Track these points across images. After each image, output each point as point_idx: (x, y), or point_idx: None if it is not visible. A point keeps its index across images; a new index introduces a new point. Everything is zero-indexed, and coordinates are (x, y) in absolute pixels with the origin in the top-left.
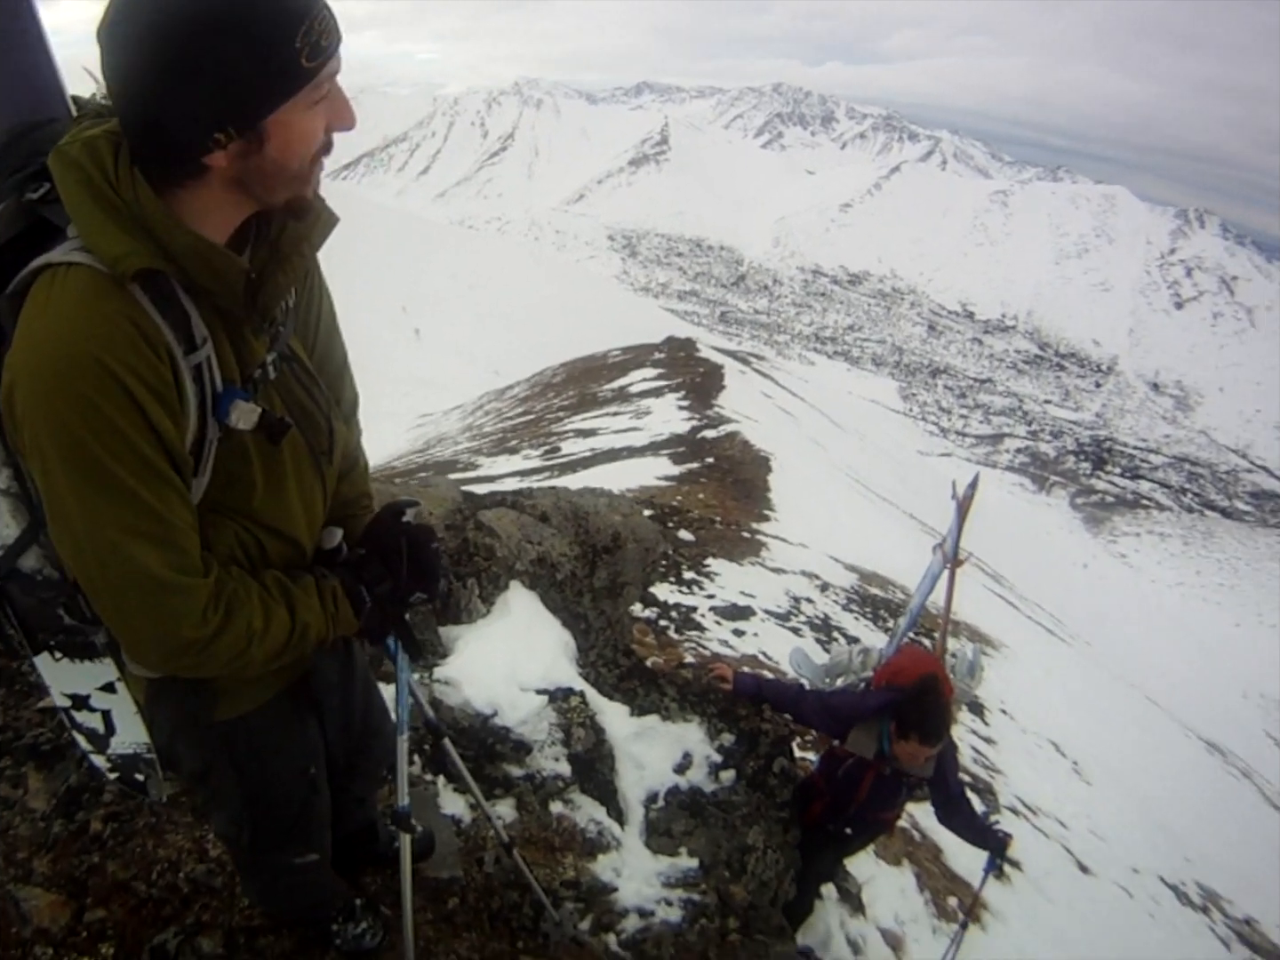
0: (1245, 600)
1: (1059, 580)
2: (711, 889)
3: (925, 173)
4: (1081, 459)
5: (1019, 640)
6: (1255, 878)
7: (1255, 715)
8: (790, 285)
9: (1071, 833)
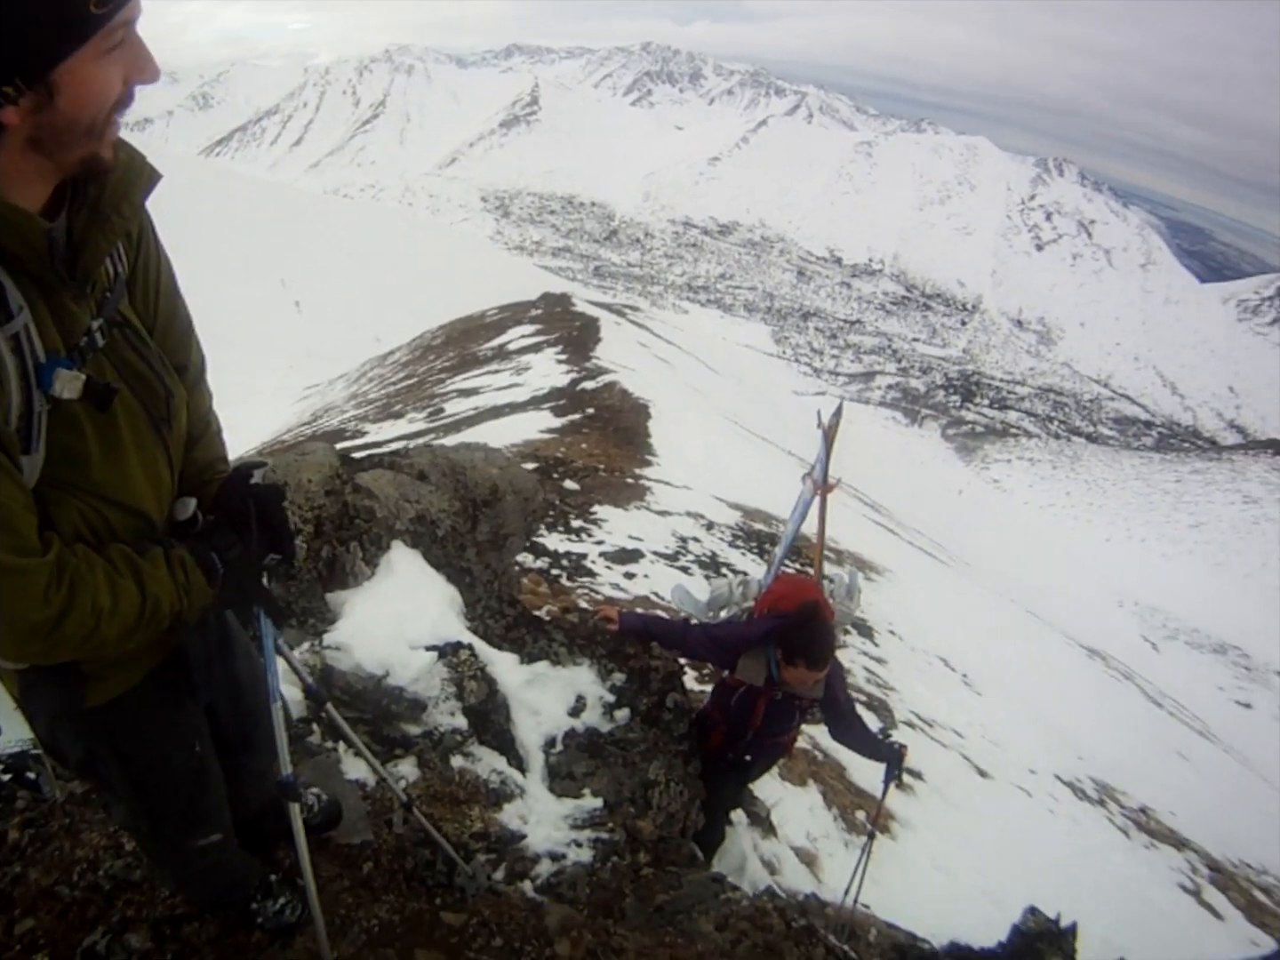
0: (1114, 517)
1: (936, 507)
2: (619, 826)
3: (792, 126)
4: (951, 392)
5: (901, 564)
6: (1145, 770)
7: (1131, 622)
8: (662, 238)
9: (967, 741)
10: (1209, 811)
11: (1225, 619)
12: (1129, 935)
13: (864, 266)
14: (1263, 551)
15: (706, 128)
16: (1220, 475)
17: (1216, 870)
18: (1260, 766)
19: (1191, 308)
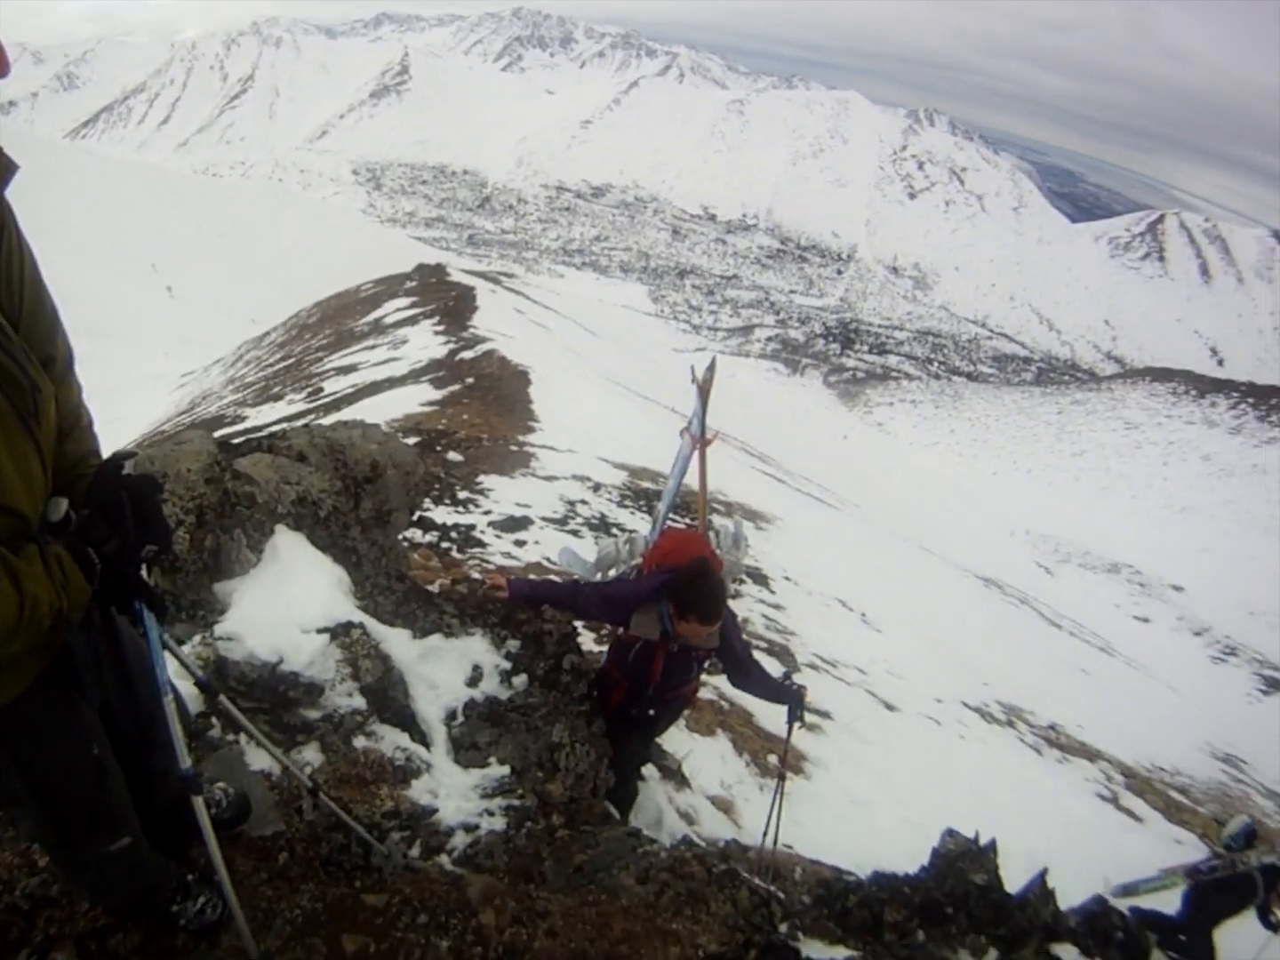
0: (999, 451)
1: (822, 453)
2: (529, 791)
3: (663, 87)
4: (830, 341)
5: (792, 512)
6: (1050, 689)
7: (1024, 550)
8: (535, 203)
9: (871, 677)
10: (1117, 722)
11: (1116, 540)
12: (1052, 847)
13: (739, 222)
14: (1147, 473)
15: (578, 91)
16: (1100, 405)
17: (1131, 777)
18: (1163, 675)
19: (1064, 247)
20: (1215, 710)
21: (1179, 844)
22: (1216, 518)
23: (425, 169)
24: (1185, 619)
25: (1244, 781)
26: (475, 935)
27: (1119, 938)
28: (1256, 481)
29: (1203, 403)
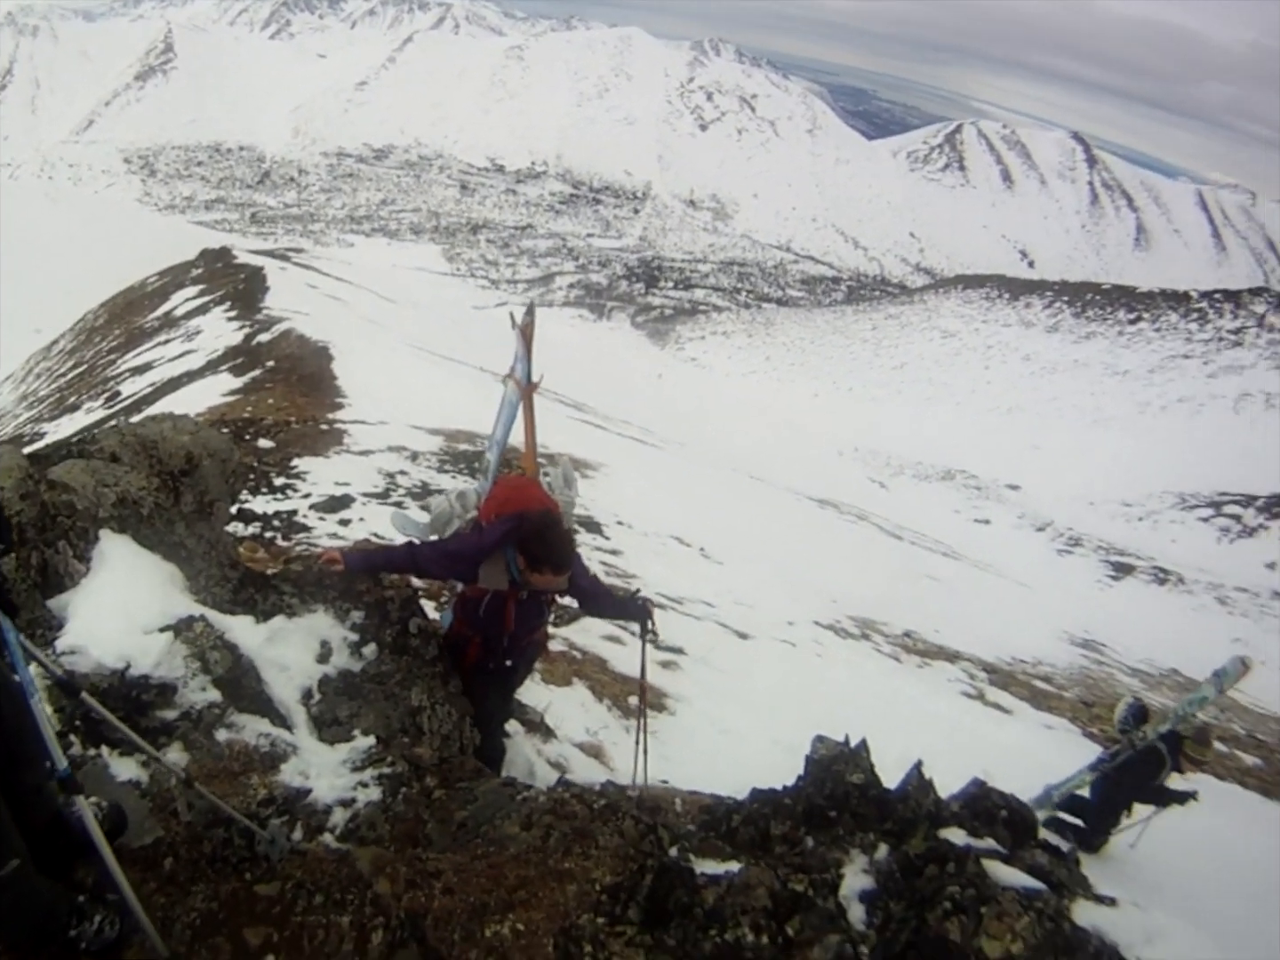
0: (818, 373)
1: (640, 394)
2: (398, 758)
3: (439, 39)
4: (634, 281)
5: (616, 457)
6: (899, 599)
7: (855, 467)
8: (316, 173)
9: (719, 609)
10: (972, 623)
11: (946, 447)
12: (926, 745)
13: (528, 171)
14: (969, 379)
15: (350, 53)
16: (915, 317)
17: (994, 672)
18: (1012, 573)
19: (863, 165)
20: (1068, 600)
21: (1049, 729)
22: (1044, 415)
23: (200, 149)
24: (1026, 516)
25: (1105, 663)
26: (374, 906)
27: (1003, 815)
28: (1080, 375)
29: (1017, 305)
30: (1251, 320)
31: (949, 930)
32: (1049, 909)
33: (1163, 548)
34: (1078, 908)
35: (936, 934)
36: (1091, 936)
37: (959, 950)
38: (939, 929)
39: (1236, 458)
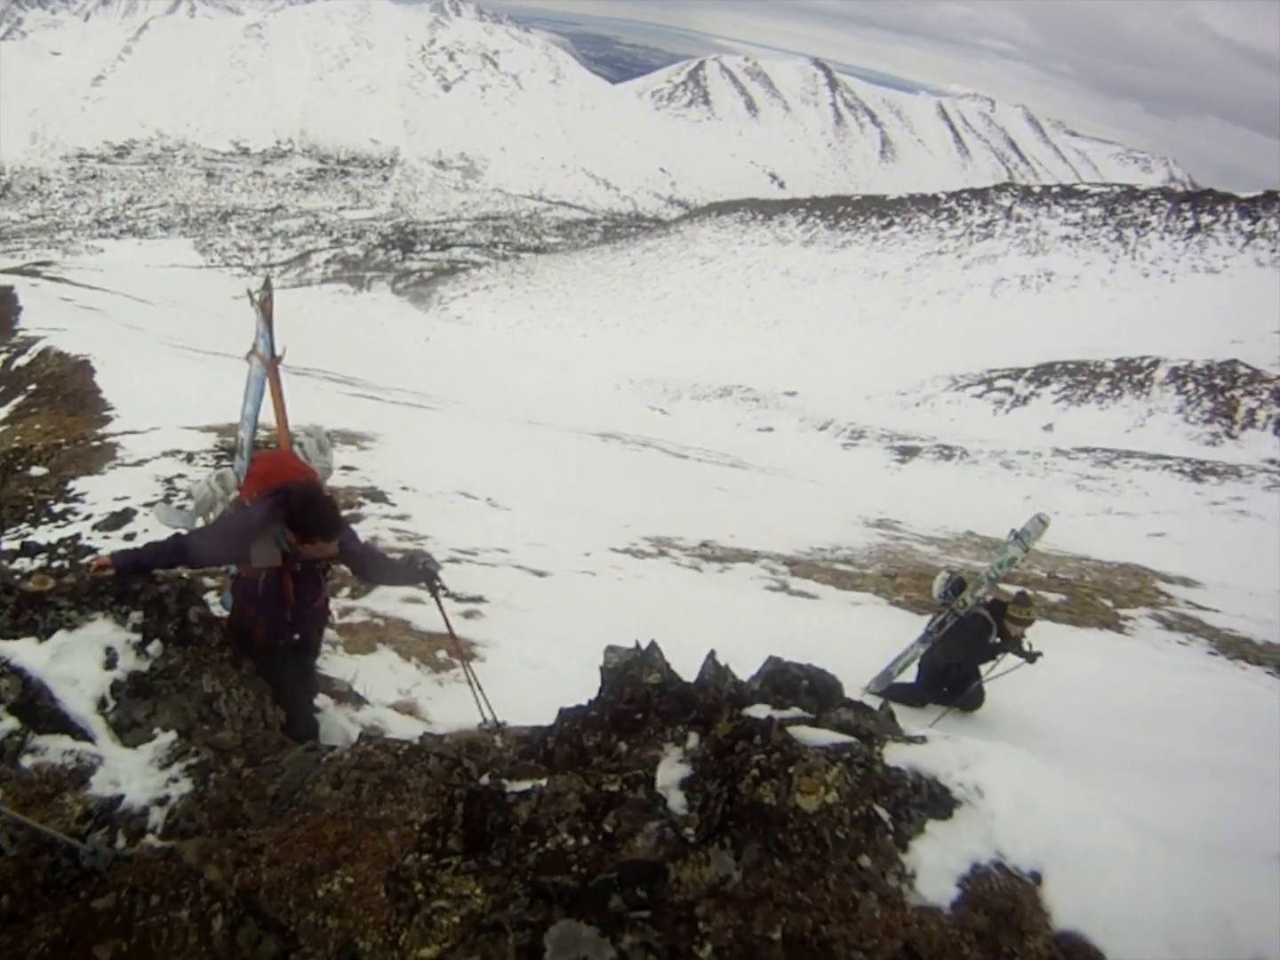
0: (583, 314)
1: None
2: (202, 746)
3: (174, 25)
4: (390, 249)
5: (391, 425)
6: (691, 513)
7: (633, 398)
8: (59, 179)
9: (514, 553)
10: (766, 524)
11: (719, 367)
12: (739, 641)
13: (274, 151)
14: (733, 299)
15: (85, 47)
16: (673, 247)
17: (794, 564)
18: (801, 472)
19: (608, 109)
20: (859, 488)
21: (857, 605)
22: (809, 323)
23: None
24: (807, 419)
25: (902, 537)
26: (209, 894)
27: (805, 685)
28: (840, 282)
29: (772, 224)
30: (1000, 213)
31: (762, 795)
32: (858, 757)
33: (943, 427)
34: (889, 751)
35: (751, 801)
36: (907, 773)
37: (775, 811)
38: (752, 796)
39: (1000, 337)
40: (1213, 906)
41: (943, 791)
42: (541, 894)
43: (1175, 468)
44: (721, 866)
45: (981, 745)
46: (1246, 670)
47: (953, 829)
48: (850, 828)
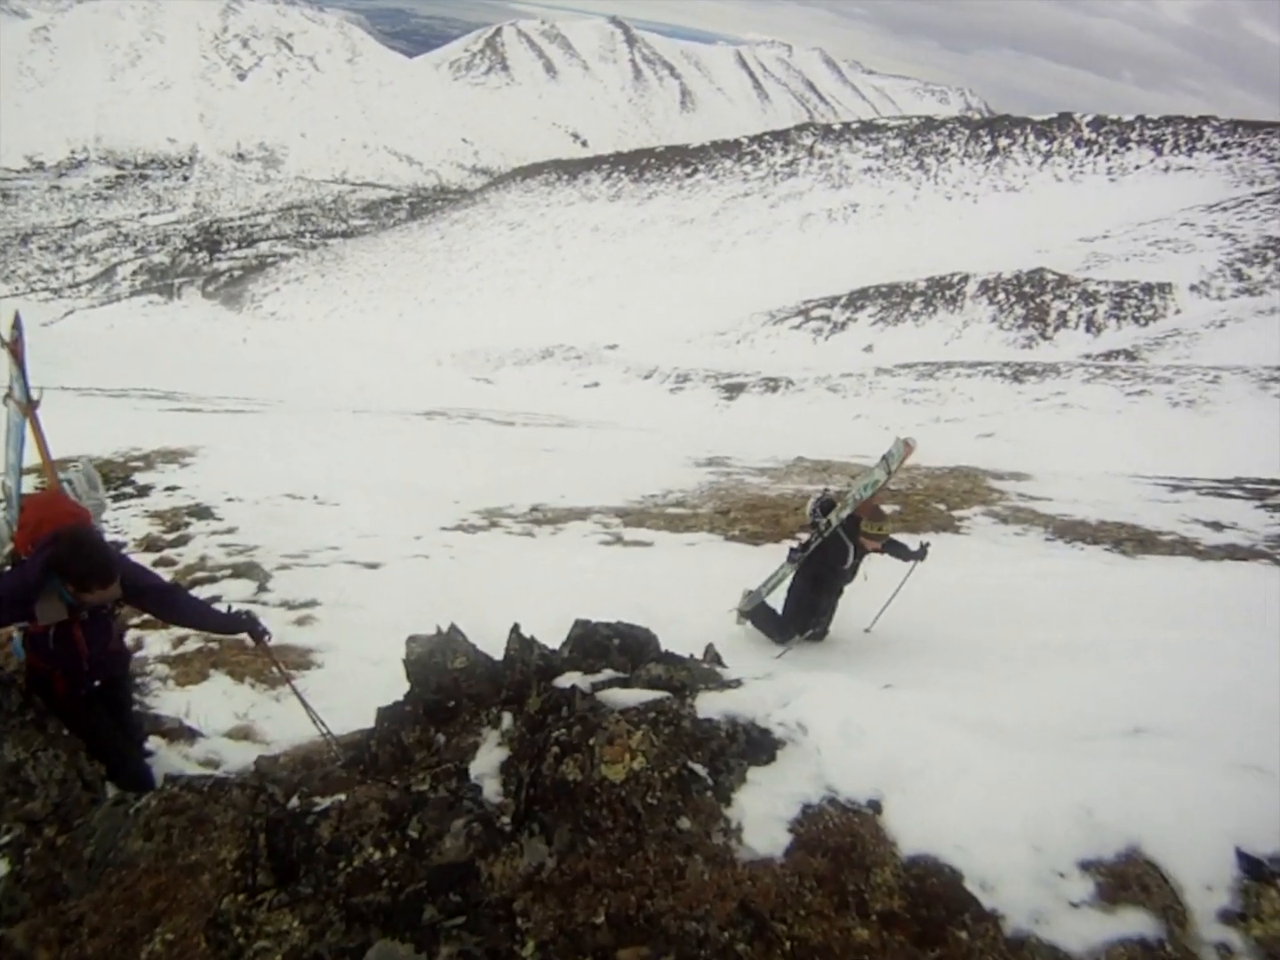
0: (397, 293)
1: (229, 364)
2: (12, 822)
3: None
4: (197, 251)
5: (214, 436)
6: (519, 480)
7: (456, 371)
8: None
9: (345, 549)
10: (596, 479)
11: (539, 329)
12: (577, 602)
13: (69, 161)
14: (545, 260)
15: None
16: (480, 216)
17: (626, 515)
18: (630, 420)
19: (406, 84)
20: (690, 431)
21: (691, 545)
22: (622, 275)
23: None
24: (631, 369)
25: (732, 473)
26: None
27: (616, 644)
28: (649, 232)
29: (577, 183)
30: (802, 152)
31: (566, 772)
32: (666, 715)
33: (766, 361)
34: (702, 701)
35: (555, 780)
36: (721, 722)
37: (582, 787)
38: (555, 775)
39: (812, 269)
40: (1072, 798)
41: (763, 734)
42: (356, 916)
43: (996, 372)
44: (534, 855)
45: (800, 678)
46: (1085, 550)
47: (777, 772)
48: (663, 791)
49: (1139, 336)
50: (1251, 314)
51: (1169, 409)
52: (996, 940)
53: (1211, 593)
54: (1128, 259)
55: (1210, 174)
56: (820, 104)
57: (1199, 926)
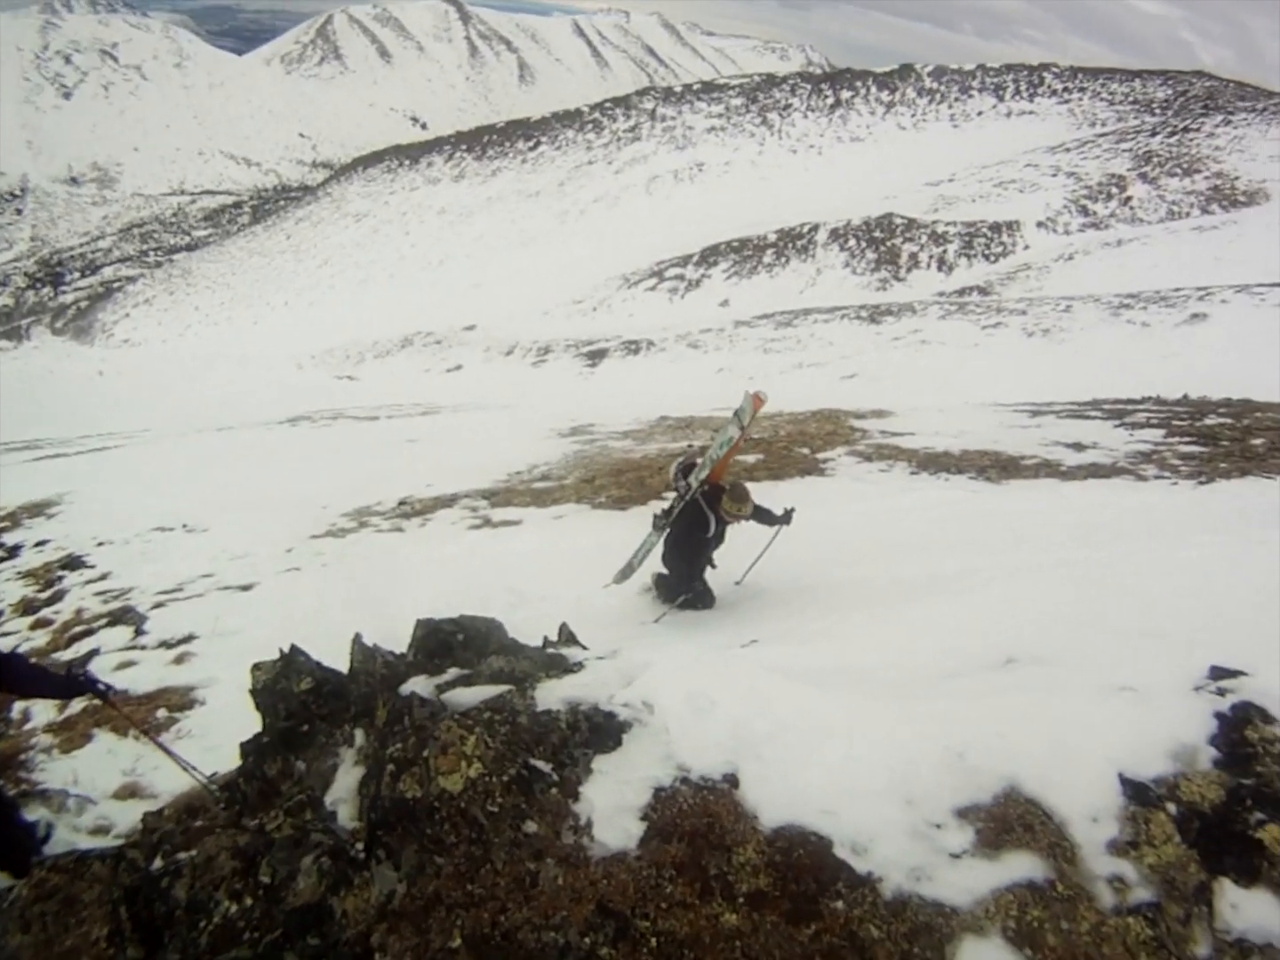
0: (250, 301)
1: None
2: None
3: None
4: (40, 287)
5: (81, 480)
6: (387, 472)
7: (318, 372)
8: None
9: (218, 574)
10: (463, 463)
11: (394, 320)
12: (448, 590)
13: None
14: (394, 249)
15: None
16: (325, 212)
17: (492, 496)
18: (495, 399)
19: (237, 83)
20: (554, 401)
21: (560, 519)
22: (474, 254)
23: None
24: (491, 348)
25: (595, 439)
26: None
27: (459, 639)
28: (496, 209)
29: (420, 167)
30: (644, 117)
31: (404, 790)
32: (501, 713)
33: (625, 325)
34: (542, 691)
35: (394, 799)
36: (561, 713)
37: (422, 803)
38: (393, 794)
39: (661, 230)
40: (942, 743)
41: (607, 719)
42: None
43: (853, 315)
44: (385, 883)
45: (644, 653)
46: (949, 480)
47: (625, 758)
48: (504, 796)
49: (990, 273)
50: (1099, 246)
51: (1025, 339)
52: (876, 905)
53: (1076, 512)
54: (974, 200)
55: (1052, 118)
56: (660, 68)
57: (1089, 861)
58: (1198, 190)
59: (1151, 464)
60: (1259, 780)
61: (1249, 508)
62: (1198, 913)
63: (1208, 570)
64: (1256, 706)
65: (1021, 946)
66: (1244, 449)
